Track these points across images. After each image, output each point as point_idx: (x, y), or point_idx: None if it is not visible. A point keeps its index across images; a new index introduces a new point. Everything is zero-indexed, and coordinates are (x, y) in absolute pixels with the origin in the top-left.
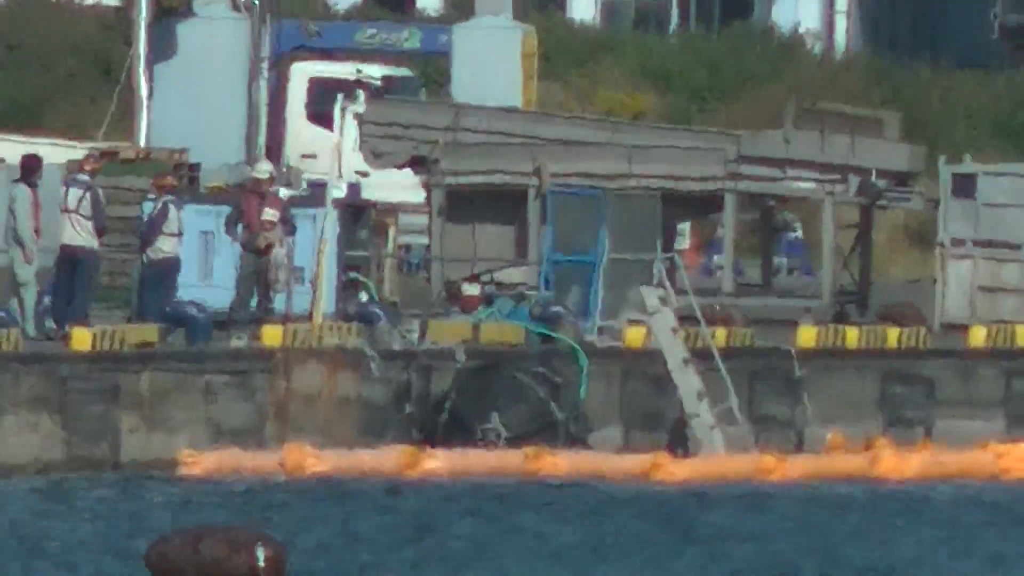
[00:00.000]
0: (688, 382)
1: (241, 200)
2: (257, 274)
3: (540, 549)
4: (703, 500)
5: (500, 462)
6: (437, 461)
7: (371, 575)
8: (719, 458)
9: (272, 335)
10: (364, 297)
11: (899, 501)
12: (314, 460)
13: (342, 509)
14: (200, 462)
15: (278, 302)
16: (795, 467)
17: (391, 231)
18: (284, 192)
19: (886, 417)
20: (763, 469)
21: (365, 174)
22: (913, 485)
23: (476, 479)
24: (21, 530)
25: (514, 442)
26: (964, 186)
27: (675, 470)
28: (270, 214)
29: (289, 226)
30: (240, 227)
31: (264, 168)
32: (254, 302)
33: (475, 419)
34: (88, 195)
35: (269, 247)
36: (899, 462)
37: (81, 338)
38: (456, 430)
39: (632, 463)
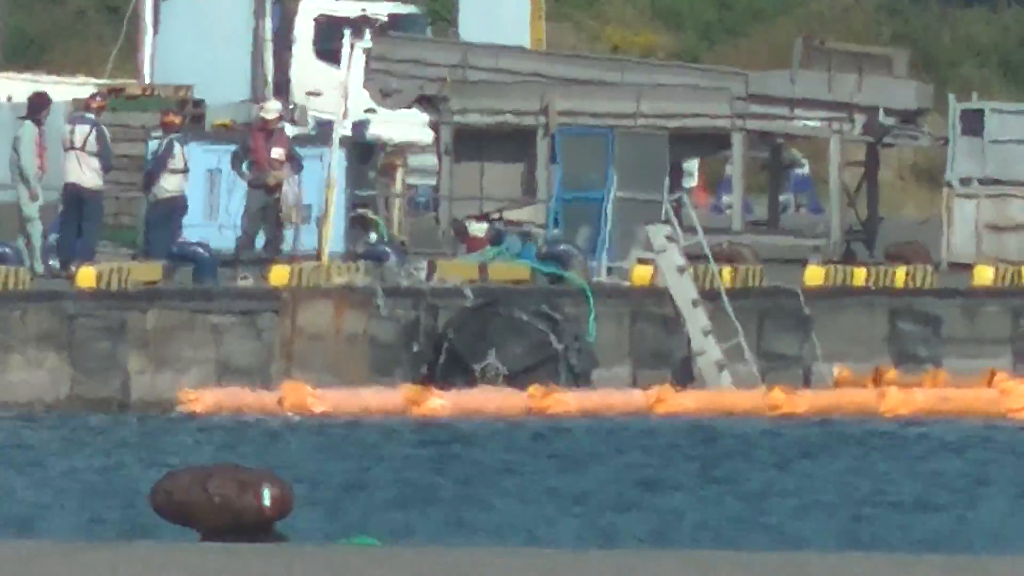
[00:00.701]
0: (695, 320)
1: (248, 138)
2: (264, 212)
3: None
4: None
5: (505, 401)
6: (441, 401)
7: (376, 515)
8: (725, 392)
9: (279, 274)
10: (373, 236)
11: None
12: (315, 399)
13: (344, 448)
14: (201, 400)
15: (286, 241)
16: (802, 402)
17: (399, 171)
18: (291, 130)
19: (894, 355)
20: (770, 404)
21: (373, 111)
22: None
23: (481, 419)
24: (26, 467)
25: (514, 378)
26: (971, 123)
27: (680, 403)
28: (278, 152)
29: (296, 163)
30: (247, 165)
31: (272, 107)
32: (260, 240)
33: (473, 357)
34: (94, 132)
35: (278, 185)
36: (904, 398)
37: (86, 276)
38: (455, 369)
39: (637, 398)
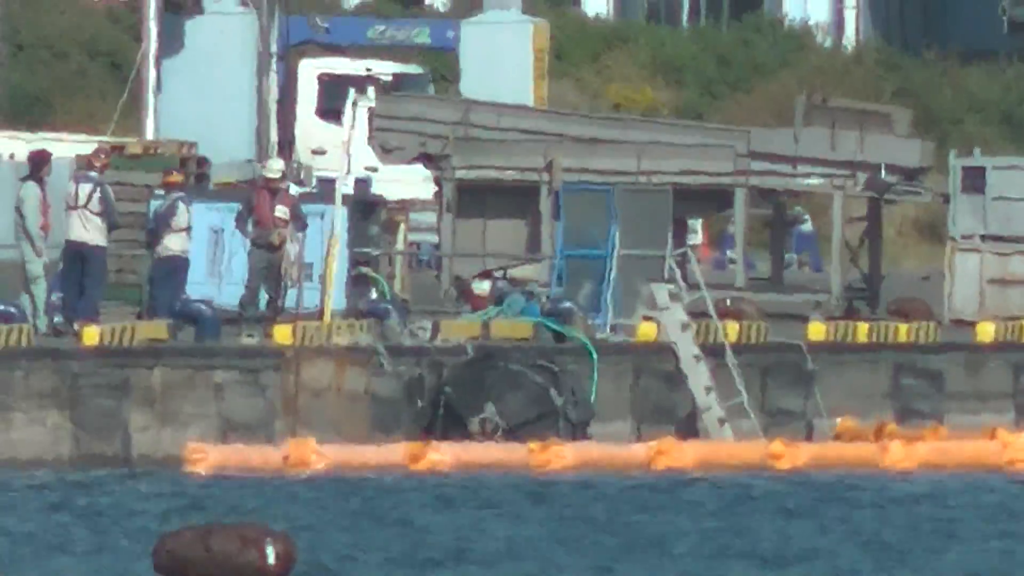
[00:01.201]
0: (699, 377)
1: (252, 196)
2: (268, 271)
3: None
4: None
5: (506, 455)
6: (442, 455)
7: (376, 570)
8: (726, 444)
9: (282, 333)
10: (374, 294)
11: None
12: (318, 455)
13: (347, 504)
14: (205, 457)
15: (289, 299)
16: (803, 454)
17: (402, 227)
18: (295, 189)
19: (896, 410)
20: (772, 455)
21: (375, 169)
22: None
23: (480, 473)
24: (29, 525)
25: (512, 431)
26: (974, 180)
27: (681, 457)
28: (282, 211)
29: (300, 222)
30: (251, 223)
31: (275, 165)
32: (264, 299)
33: (471, 411)
34: (98, 191)
35: (281, 243)
36: (906, 451)
37: (91, 334)
38: (453, 422)
39: (638, 451)
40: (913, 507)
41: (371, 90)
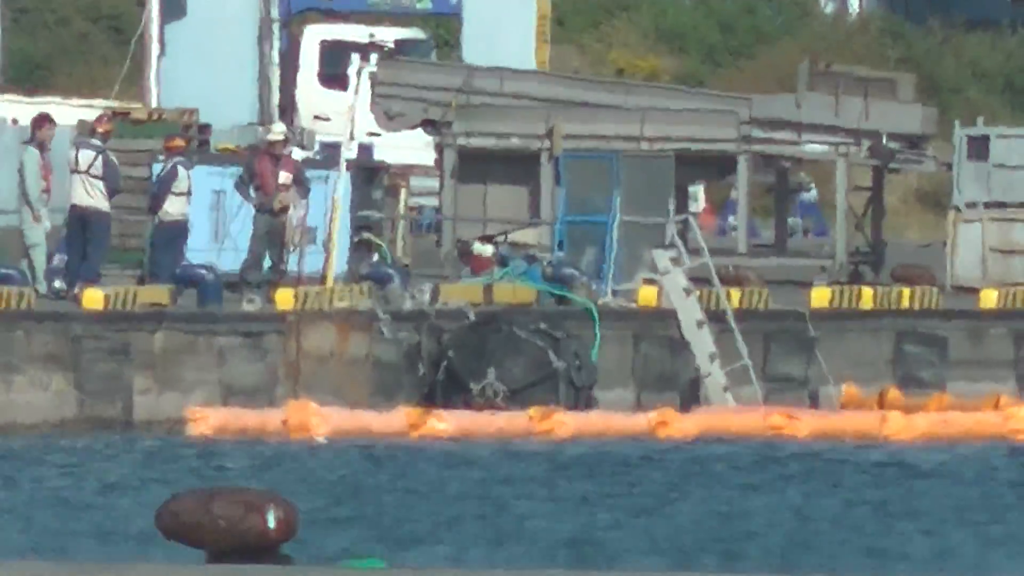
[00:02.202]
0: (701, 342)
1: (254, 161)
2: (270, 235)
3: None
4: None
5: (507, 423)
6: (443, 423)
7: (381, 535)
8: (727, 413)
9: (284, 298)
10: (376, 258)
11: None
12: (318, 419)
13: (349, 468)
14: (206, 419)
15: (291, 263)
16: (804, 424)
17: (403, 193)
18: (298, 153)
19: (899, 377)
20: (773, 426)
21: (377, 135)
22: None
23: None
24: (32, 488)
25: (513, 396)
26: (977, 148)
27: (682, 426)
28: (284, 176)
29: (303, 188)
30: (253, 188)
31: (278, 130)
32: (267, 263)
33: (472, 376)
34: (100, 157)
35: (284, 209)
36: (907, 422)
37: (93, 297)
38: (454, 388)
39: (639, 420)
40: (892, 480)
41: (374, 56)
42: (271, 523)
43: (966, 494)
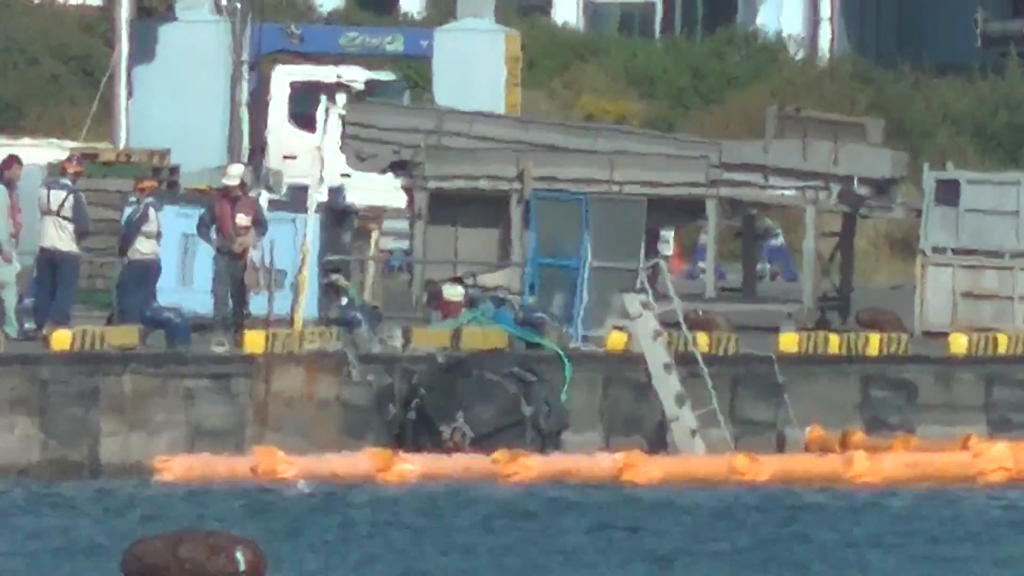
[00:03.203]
0: (669, 386)
1: (214, 204)
2: (231, 277)
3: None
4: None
5: (473, 465)
6: (410, 465)
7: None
8: (692, 459)
9: (254, 340)
10: (345, 301)
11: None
12: (286, 464)
13: (319, 513)
14: (173, 467)
15: (258, 306)
16: (768, 468)
17: (374, 234)
18: (264, 196)
19: (867, 421)
20: (736, 470)
21: (348, 176)
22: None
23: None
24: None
25: (480, 441)
26: (947, 192)
27: (648, 470)
28: (242, 218)
29: (261, 227)
30: (213, 230)
31: (235, 172)
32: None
33: (442, 418)
34: (71, 198)
35: (243, 252)
36: (872, 464)
37: (61, 339)
38: (423, 430)
39: (605, 464)
40: (846, 522)
41: (342, 97)
42: (240, 565)
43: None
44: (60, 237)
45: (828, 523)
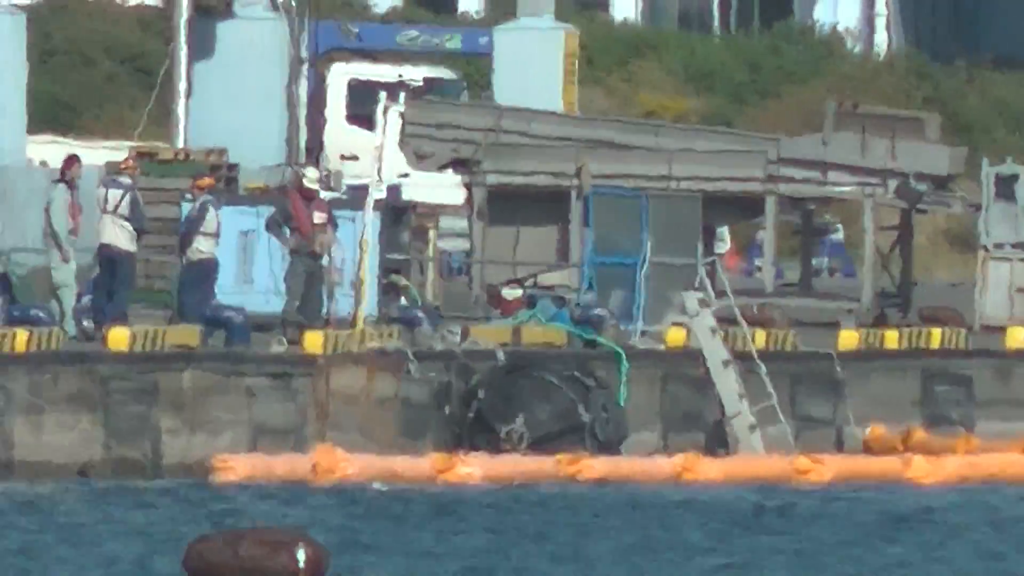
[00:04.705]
0: (728, 382)
1: (288, 203)
2: (310, 277)
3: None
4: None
5: (535, 466)
6: (471, 466)
7: None
8: (752, 458)
9: (313, 339)
10: (405, 301)
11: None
12: (346, 463)
13: (377, 512)
14: (233, 465)
15: (324, 306)
16: (829, 468)
17: (432, 234)
18: (324, 194)
19: (926, 417)
20: (797, 469)
21: (406, 175)
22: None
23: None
24: (57, 530)
25: (538, 444)
26: (1006, 188)
27: (708, 471)
28: (320, 216)
29: (334, 226)
30: (288, 230)
31: (313, 175)
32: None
33: (501, 420)
34: (128, 197)
35: (324, 250)
36: (931, 466)
37: (118, 338)
38: (482, 430)
39: (665, 465)
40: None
41: (402, 95)
42: (300, 562)
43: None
44: (118, 236)
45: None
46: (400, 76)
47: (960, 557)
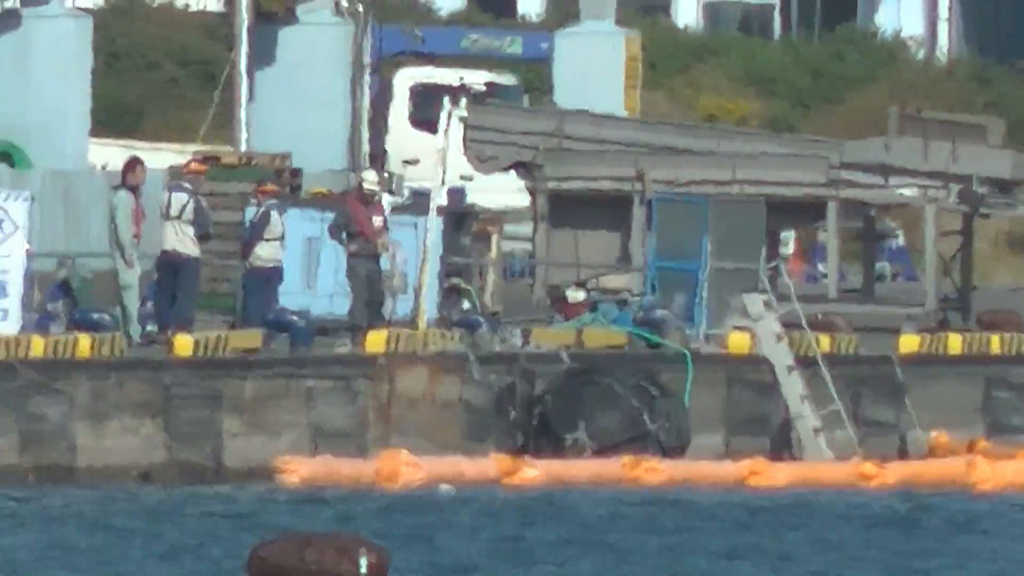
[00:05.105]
0: (793, 387)
1: (349, 207)
2: (371, 280)
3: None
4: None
5: (599, 470)
6: (535, 470)
7: None
8: (817, 464)
9: (376, 341)
10: (466, 304)
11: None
12: (410, 468)
13: (438, 517)
14: (297, 469)
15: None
16: (894, 473)
17: (494, 237)
18: (386, 199)
19: (988, 423)
20: (862, 475)
21: (469, 179)
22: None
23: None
24: (121, 534)
25: (601, 452)
26: None
27: (773, 476)
28: (379, 220)
29: (386, 230)
30: (349, 234)
31: (373, 178)
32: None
33: (565, 426)
34: (191, 202)
35: (386, 252)
36: (995, 469)
37: (183, 344)
38: (546, 437)
39: (730, 469)
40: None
41: (464, 100)
42: (363, 568)
43: None
44: (181, 240)
45: None
46: (462, 80)
47: None
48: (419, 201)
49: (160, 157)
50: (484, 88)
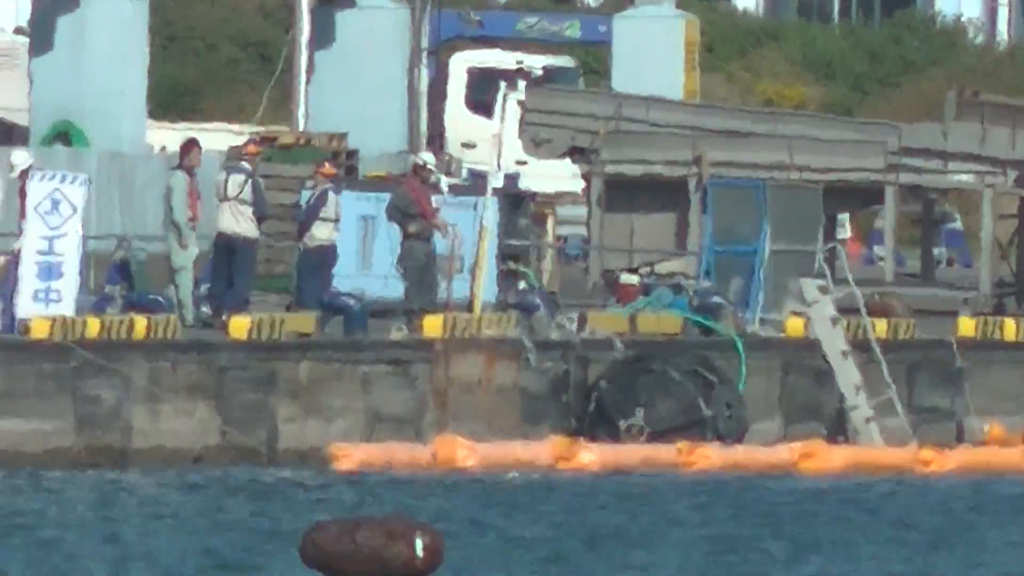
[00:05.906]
0: (847, 373)
1: (407, 189)
2: (427, 262)
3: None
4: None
5: (654, 455)
6: (591, 454)
7: (525, 568)
8: (872, 448)
9: (433, 325)
10: (523, 285)
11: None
12: (466, 452)
13: (494, 500)
14: (351, 454)
15: (440, 290)
16: (951, 459)
17: (550, 221)
18: (444, 181)
19: None
20: (919, 460)
21: (524, 163)
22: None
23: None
24: (175, 517)
25: (658, 438)
26: None
27: (828, 460)
28: (437, 201)
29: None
30: (408, 216)
31: (431, 159)
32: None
33: (621, 412)
34: (249, 183)
35: (444, 232)
36: None
37: (239, 326)
38: (602, 422)
39: (783, 453)
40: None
41: (521, 83)
42: (418, 551)
43: None
44: (237, 222)
45: None
46: (520, 64)
47: None
48: (477, 183)
49: (217, 138)
50: (541, 71)
